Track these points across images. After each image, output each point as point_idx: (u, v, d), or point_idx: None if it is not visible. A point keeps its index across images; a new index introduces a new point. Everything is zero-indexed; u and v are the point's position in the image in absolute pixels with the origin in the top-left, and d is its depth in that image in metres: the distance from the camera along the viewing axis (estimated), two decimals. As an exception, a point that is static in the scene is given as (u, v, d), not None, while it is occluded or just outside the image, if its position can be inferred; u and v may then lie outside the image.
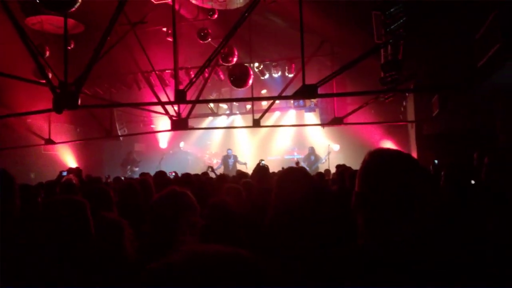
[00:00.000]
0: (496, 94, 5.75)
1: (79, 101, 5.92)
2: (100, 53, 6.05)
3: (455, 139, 9.19)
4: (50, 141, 12.13)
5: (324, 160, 13.15)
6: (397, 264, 1.08)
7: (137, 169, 14.60)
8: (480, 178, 3.39)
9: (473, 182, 3.48)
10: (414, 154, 10.29)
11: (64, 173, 6.01)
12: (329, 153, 13.05)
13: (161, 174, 6.48)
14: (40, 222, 1.67)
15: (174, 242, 1.77)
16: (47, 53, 9.11)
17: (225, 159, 13.98)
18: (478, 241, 2.32)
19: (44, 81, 5.97)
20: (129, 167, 14.80)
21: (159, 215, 1.92)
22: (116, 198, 3.02)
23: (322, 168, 12.30)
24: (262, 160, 7.30)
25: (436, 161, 8.35)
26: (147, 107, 10.85)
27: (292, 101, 14.22)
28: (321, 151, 13.74)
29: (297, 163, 8.58)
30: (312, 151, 13.63)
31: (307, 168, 10.71)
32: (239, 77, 9.26)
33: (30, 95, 9.16)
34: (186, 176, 5.85)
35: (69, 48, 7.80)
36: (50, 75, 6.29)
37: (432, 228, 1.19)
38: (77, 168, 6.55)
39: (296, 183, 2.05)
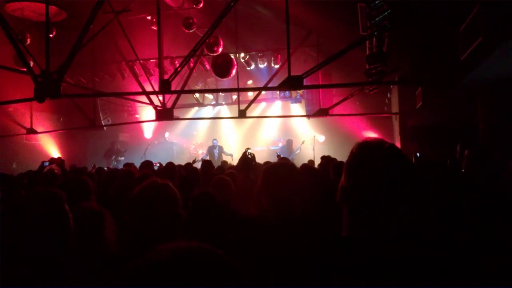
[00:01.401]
0: (477, 88, 5.83)
1: (62, 90, 5.82)
2: (83, 41, 5.94)
3: (438, 131, 9.32)
4: (32, 131, 11.92)
5: (297, 151, 13.30)
6: (382, 257, 1.09)
7: (122, 158, 14.48)
8: (461, 169, 3.48)
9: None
10: (398, 146, 10.41)
11: (46, 164, 5.91)
12: (302, 142, 13.14)
13: (147, 164, 6.40)
14: (17, 216, 1.63)
15: (153, 236, 1.75)
16: (28, 41, 8.90)
17: (211, 150, 14.00)
18: (465, 234, 2.36)
19: (25, 69, 5.84)
20: (113, 157, 14.65)
21: (139, 208, 1.89)
22: (97, 188, 2.99)
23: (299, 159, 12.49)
24: (248, 148, 7.18)
25: (418, 154, 8.46)
26: (131, 97, 10.71)
27: (278, 92, 14.22)
28: (306, 142, 13.80)
29: (279, 155, 8.57)
30: (290, 142, 13.82)
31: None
32: (222, 66, 9.18)
33: (11, 83, 8.96)
34: (170, 166, 5.67)
35: (51, 36, 7.62)
36: (31, 63, 6.15)
37: (418, 222, 1.20)
38: (59, 158, 6.44)
39: (282, 180, 2.02)
